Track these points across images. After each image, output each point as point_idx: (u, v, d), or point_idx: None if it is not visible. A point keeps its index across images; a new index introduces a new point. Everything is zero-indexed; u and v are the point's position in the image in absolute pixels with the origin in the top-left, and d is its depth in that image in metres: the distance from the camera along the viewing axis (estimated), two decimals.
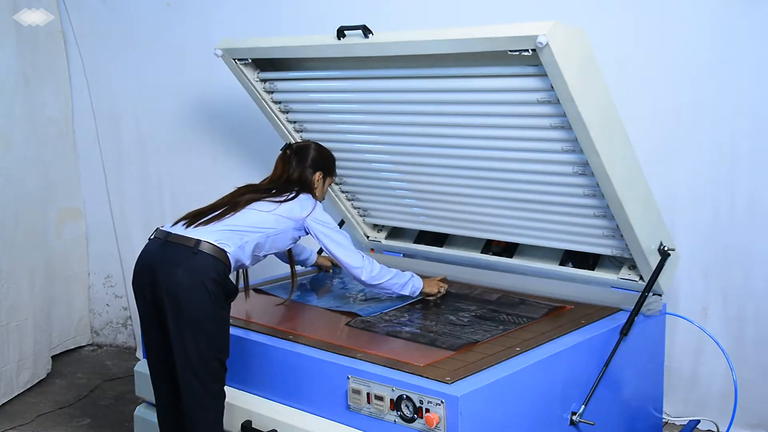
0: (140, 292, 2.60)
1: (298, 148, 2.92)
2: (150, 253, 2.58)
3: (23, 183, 4.17)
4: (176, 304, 2.45)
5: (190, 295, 2.44)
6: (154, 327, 2.60)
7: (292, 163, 2.86)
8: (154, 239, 2.62)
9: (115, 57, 4.51)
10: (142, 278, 2.58)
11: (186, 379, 2.49)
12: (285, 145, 2.95)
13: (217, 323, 2.50)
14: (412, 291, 2.94)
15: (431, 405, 2.19)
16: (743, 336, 3.33)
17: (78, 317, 4.74)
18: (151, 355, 2.66)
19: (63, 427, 3.71)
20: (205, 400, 2.50)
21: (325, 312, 2.98)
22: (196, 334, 2.46)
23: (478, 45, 2.54)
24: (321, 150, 2.95)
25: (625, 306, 2.89)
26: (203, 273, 2.46)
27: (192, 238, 2.52)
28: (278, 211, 2.69)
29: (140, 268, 2.60)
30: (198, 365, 2.47)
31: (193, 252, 2.48)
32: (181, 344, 2.47)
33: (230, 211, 2.63)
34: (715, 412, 3.42)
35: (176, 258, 2.49)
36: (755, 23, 3.12)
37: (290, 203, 2.73)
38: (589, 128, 2.51)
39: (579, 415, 2.57)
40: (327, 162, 2.95)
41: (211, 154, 4.36)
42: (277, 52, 3.13)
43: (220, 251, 2.52)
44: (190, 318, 2.45)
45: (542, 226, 3.09)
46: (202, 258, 2.49)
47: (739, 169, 3.24)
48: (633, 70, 3.31)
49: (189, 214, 2.66)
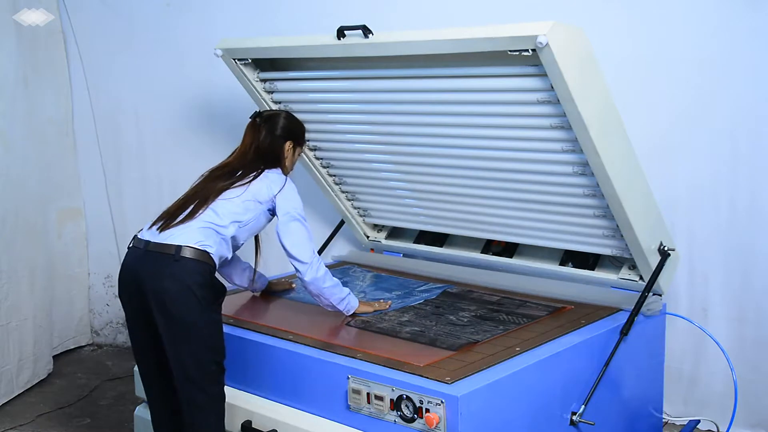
0: (127, 303, 2.56)
1: (269, 116, 2.82)
2: (132, 265, 2.52)
3: (23, 183, 4.16)
4: (166, 313, 2.41)
5: (178, 302, 2.40)
6: (144, 336, 2.55)
7: (261, 132, 2.76)
8: (133, 248, 2.55)
9: (115, 57, 4.51)
10: (128, 289, 2.53)
11: (184, 388, 2.46)
12: (254, 112, 2.84)
13: (209, 326, 2.46)
14: (347, 309, 2.81)
15: (431, 405, 2.19)
16: (743, 336, 3.33)
17: (78, 317, 4.74)
18: (142, 365, 2.64)
19: (63, 427, 3.71)
20: (205, 405, 2.48)
21: (325, 312, 2.98)
22: (190, 340, 2.42)
23: (478, 45, 2.54)
24: (291, 118, 2.85)
25: (625, 306, 2.89)
26: (188, 279, 2.41)
27: (171, 244, 2.45)
28: (246, 196, 2.60)
29: (125, 279, 2.55)
30: (195, 372, 2.44)
31: (174, 259, 2.42)
32: (176, 353, 2.44)
33: (201, 206, 2.54)
34: (715, 412, 3.42)
35: (159, 267, 2.43)
36: (755, 23, 3.12)
37: (257, 183, 2.64)
38: (589, 128, 2.51)
39: (579, 415, 2.57)
40: (297, 131, 2.85)
41: (211, 154, 4.30)
42: (277, 52, 3.13)
43: (203, 253, 2.47)
44: (182, 325, 2.41)
45: (542, 226, 3.09)
46: (185, 264, 2.43)
47: (739, 169, 3.24)
48: (633, 70, 3.31)
49: (163, 214, 2.58)
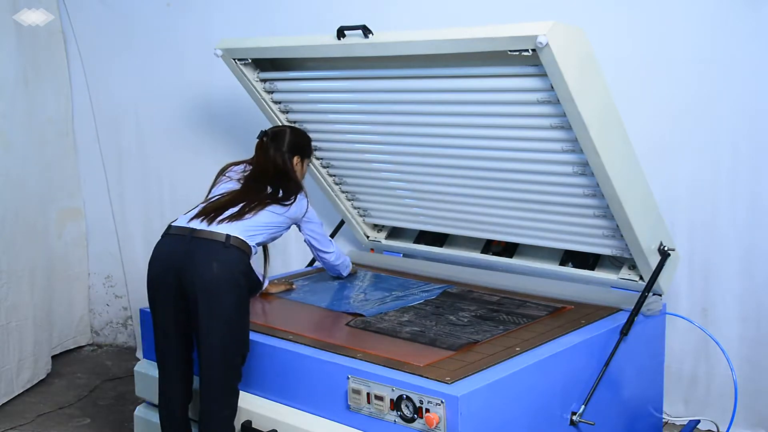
0: (162, 292, 2.61)
1: (274, 134, 2.95)
2: (174, 251, 2.60)
3: (23, 183, 4.16)
4: (212, 299, 2.50)
5: (225, 288, 2.51)
6: (174, 326, 2.61)
7: (269, 150, 2.90)
8: (175, 236, 2.63)
9: (115, 57, 4.51)
10: (165, 277, 2.59)
11: (208, 376, 2.53)
12: (261, 132, 2.97)
13: (244, 317, 2.59)
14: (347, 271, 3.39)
15: (431, 405, 2.19)
16: (743, 336, 3.32)
17: (78, 317, 4.74)
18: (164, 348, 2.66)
19: (63, 427, 3.71)
20: (223, 397, 2.55)
21: (325, 312, 2.98)
22: (228, 328, 2.52)
23: (478, 45, 2.54)
24: (296, 133, 3.00)
25: (625, 306, 2.89)
26: (236, 266, 2.55)
27: (221, 233, 2.58)
28: (288, 214, 2.81)
29: (163, 266, 2.61)
30: (223, 361, 2.52)
31: (225, 246, 2.55)
32: (210, 340, 2.51)
33: (249, 211, 2.69)
34: (715, 412, 3.42)
35: (209, 253, 2.54)
36: (755, 23, 3.12)
37: (294, 206, 2.84)
38: (589, 128, 2.51)
39: (579, 415, 2.57)
40: (303, 144, 3.00)
41: (211, 154, 4.35)
42: (277, 52, 3.13)
43: (246, 245, 2.62)
44: (224, 312, 2.51)
45: (542, 226, 3.09)
46: (233, 251, 2.57)
47: (739, 169, 3.24)
48: (633, 70, 3.31)
49: (205, 209, 2.69)
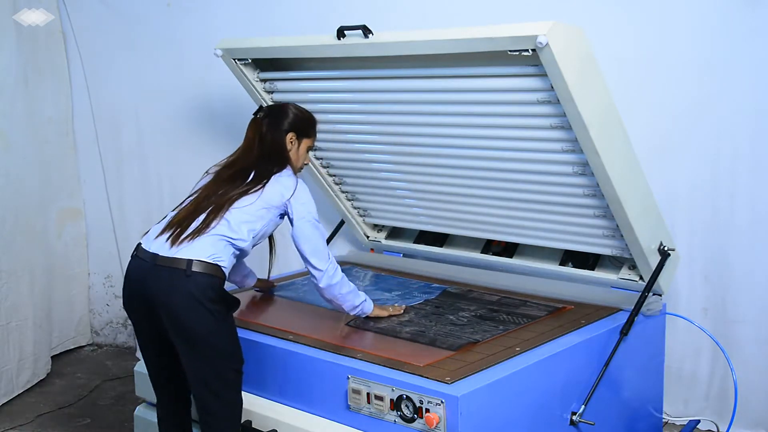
0: (135, 315, 2.52)
1: (270, 108, 2.67)
2: (139, 278, 2.43)
3: (23, 183, 4.16)
4: (180, 328, 2.36)
5: (192, 318, 2.34)
6: (155, 345, 2.53)
7: (263, 126, 2.62)
8: (139, 260, 2.46)
9: (115, 57, 4.51)
10: (135, 302, 2.48)
11: (202, 398, 2.42)
12: (258, 108, 2.70)
13: (224, 336, 2.40)
14: (360, 313, 2.74)
15: (431, 405, 2.19)
16: (743, 336, 3.32)
17: (78, 317, 4.74)
18: (152, 371, 2.62)
19: (63, 427, 3.71)
20: (223, 413, 2.44)
21: (325, 312, 2.98)
22: (207, 353, 2.37)
23: (478, 45, 2.54)
24: (296, 109, 2.68)
25: (625, 306, 2.89)
26: (200, 295, 2.33)
27: (183, 258, 2.35)
28: (259, 204, 2.50)
29: (132, 292, 2.48)
30: (214, 382, 2.40)
31: (186, 275, 2.33)
32: (193, 367, 2.40)
33: (215, 216, 2.45)
34: (715, 412, 3.42)
35: (169, 283, 2.35)
36: (755, 23, 3.12)
37: (269, 188, 2.53)
38: (589, 128, 2.51)
39: (579, 415, 2.57)
40: (301, 122, 2.67)
41: (211, 154, 4.28)
42: (277, 52, 3.13)
43: (215, 267, 2.39)
44: (197, 339, 2.36)
45: (542, 226, 3.09)
46: (196, 279, 2.34)
47: (739, 169, 3.24)
48: (633, 70, 3.30)
49: (171, 222, 2.48)
